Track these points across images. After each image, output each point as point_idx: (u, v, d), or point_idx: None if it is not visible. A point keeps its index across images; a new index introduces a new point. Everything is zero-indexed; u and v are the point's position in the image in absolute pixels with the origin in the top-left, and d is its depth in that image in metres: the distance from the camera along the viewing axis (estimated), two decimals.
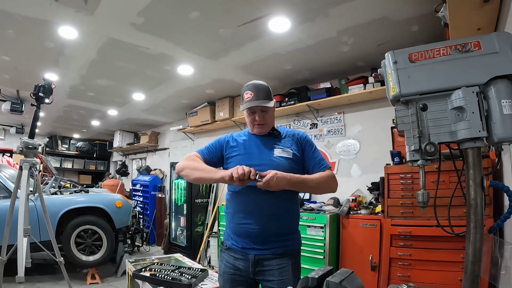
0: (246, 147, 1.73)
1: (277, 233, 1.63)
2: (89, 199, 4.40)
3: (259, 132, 1.74)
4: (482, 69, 0.94)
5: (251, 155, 1.68)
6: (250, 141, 1.76)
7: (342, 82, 3.85)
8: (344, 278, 0.97)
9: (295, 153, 1.70)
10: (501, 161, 2.02)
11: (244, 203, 1.65)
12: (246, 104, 1.68)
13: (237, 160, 1.67)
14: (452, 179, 2.37)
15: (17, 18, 2.79)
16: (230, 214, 1.71)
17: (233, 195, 1.71)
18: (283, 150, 1.69)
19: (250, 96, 1.67)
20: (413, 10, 2.57)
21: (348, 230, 3.19)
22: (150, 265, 2.47)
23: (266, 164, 1.60)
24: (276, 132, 1.76)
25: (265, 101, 1.67)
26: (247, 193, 1.63)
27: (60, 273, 3.27)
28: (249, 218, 1.61)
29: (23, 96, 5.30)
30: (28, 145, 2.73)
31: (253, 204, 1.61)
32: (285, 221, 1.66)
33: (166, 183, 7.15)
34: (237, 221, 1.65)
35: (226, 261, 1.69)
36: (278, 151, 1.68)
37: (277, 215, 1.62)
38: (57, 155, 9.90)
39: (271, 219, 1.60)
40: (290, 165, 1.66)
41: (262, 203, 1.60)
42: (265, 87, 1.73)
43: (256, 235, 1.60)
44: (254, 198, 1.61)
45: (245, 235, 1.62)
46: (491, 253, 1.43)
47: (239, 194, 1.67)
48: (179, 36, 3.13)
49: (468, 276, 0.93)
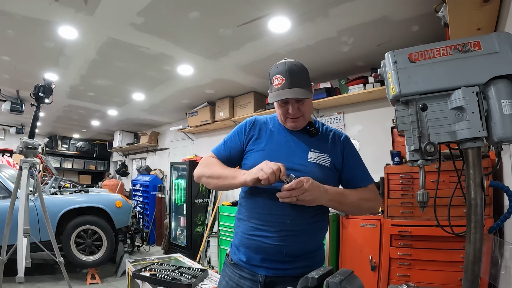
0: (272, 142, 1.37)
1: (299, 251, 1.28)
2: (89, 199, 4.40)
3: (293, 127, 1.38)
4: (482, 69, 0.94)
5: (278, 153, 1.31)
6: (280, 134, 1.40)
7: (342, 82, 3.86)
8: (344, 278, 0.97)
9: (334, 162, 1.36)
10: (501, 161, 2.02)
11: (260, 208, 1.31)
12: (275, 95, 1.30)
13: (257, 158, 1.32)
14: (452, 179, 2.38)
15: (17, 18, 2.79)
16: (242, 222, 1.37)
17: (247, 197, 1.38)
18: (320, 155, 1.34)
19: (280, 82, 1.29)
20: (413, 10, 2.57)
21: (348, 230, 3.19)
22: (150, 265, 2.47)
23: (296, 170, 1.25)
24: (314, 129, 1.40)
25: (300, 91, 1.28)
26: (266, 197, 1.29)
27: (60, 273, 3.28)
28: (264, 230, 1.27)
29: (23, 96, 5.30)
30: (28, 145, 2.73)
31: (272, 212, 1.27)
32: (311, 238, 1.32)
33: (166, 183, 7.15)
34: (248, 230, 1.31)
35: (229, 278, 1.37)
36: (313, 155, 1.34)
37: (302, 230, 1.28)
38: (57, 155, 9.91)
39: (293, 234, 1.26)
40: (326, 175, 1.32)
41: (285, 213, 1.26)
42: (301, 69, 1.34)
43: (271, 252, 1.26)
44: (274, 204, 1.25)
45: (256, 250, 1.28)
46: (491, 253, 1.43)
47: (255, 196, 1.33)
48: (179, 36, 3.13)
49: (468, 276, 0.93)
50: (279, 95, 1.28)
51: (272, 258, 1.26)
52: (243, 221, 1.35)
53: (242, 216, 1.37)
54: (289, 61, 1.34)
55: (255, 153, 1.36)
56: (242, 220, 1.36)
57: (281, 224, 1.25)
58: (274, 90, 1.31)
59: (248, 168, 1.29)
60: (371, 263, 2.93)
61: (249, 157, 1.37)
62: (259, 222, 1.28)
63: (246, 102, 4.89)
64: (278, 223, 1.25)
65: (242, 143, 1.42)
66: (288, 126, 1.39)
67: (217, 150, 1.46)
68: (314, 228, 1.32)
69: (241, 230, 1.35)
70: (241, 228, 1.36)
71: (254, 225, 1.29)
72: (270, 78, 1.35)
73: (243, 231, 1.33)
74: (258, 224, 1.29)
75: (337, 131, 1.46)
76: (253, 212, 1.32)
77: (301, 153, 1.33)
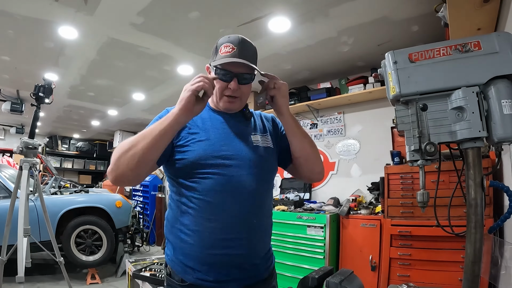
0: (208, 130, 1.15)
1: (265, 250, 1.20)
2: (89, 199, 4.40)
3: (228, 108, 1.19)
4: (482, 69, 0.94)
5: (220, 141, 1.13)
6: (214, 121, 1.19)
7: (342, 82, 3.86)
8: (344, 278, 0.97)
9: (274, 141, 1.27)
10: (501, 161, 2.02)
11: (219, 214, 1.08)
12: (223, 59, 1.10)
13: (199, 149, 1.10)
14: (452, 179, 2.37)
15: (17, 18, 2.79)
16: (195, 234, 1.08)
17: (193, 201, 1.09)
18: (262, 136, 1.24)
19: (230, 51, 1.12)
20: (413, 10, 2.57)
21: (348, 230, 3.19)
22: (150, 265, 2.47)
23: (243, 156, 1.13)
24: (248, 112, 1.26)
25: (251, 64, 1.12)
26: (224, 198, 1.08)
27: (60, 273, 3.27)
28: (230, 239, 1.08)
29: (23, 96, 5.30)
30: (28, 145, 2.74)
31: (236, 213, 1.09)
32: (270, 233, 1.25)
33: (166, 183, 7.15)
34: (210, 246, 1.07)
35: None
36: (256, 137, 1.21)
37: (265, 226, 1.19)
38: (57, 155, 9.89)
39: (260, 233, 1.16)
40: (272, 157, 1.23)
41: (250, 212, 1.11)
42: (254, 48, 1.20)
43: (242, 261, 1.11)
44: (236, 204, 1.09)
45: (224, 264, 1.09)
46: (491, 253, 1.43)
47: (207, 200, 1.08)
48: (179, 36, 3.13)
49: (468, 276, 0.93)
50: (227, 59, 1.10)
51: (244, 266, 1.11)
52: (196, 233, 1.08)
53: (195, 227, 1.09)
54: (242, 36, 1.18)
55: (195, 144, 1.11)
56: (195, 232, 1.08)
57: (249, 226, 1.11)
58: (220, 58, 1.12)
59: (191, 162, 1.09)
60: (371, 263, 2.93)
61: (188, 150, 1.10)
62: (223, 232, 1.08)
63: None
64: (245, 226, 1.10)
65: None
66: (222, 106, 1.19)
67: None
68: (270, 222, 1.24)
69: (196, 245, 1.08)
70: (195, 243, 1.08)
71: (217, 236, 1.07)
72: (217, 46, 1.18)
73: (202, 247, 1.08)
74: (222, 234, 1.07)
75: (264, 113, 1.37)
76: (211, 220, 1.07)
77: (244, 136, 1.19)
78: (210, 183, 1.08)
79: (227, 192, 1.08)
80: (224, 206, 1.08)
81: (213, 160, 1.09)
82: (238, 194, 1.09)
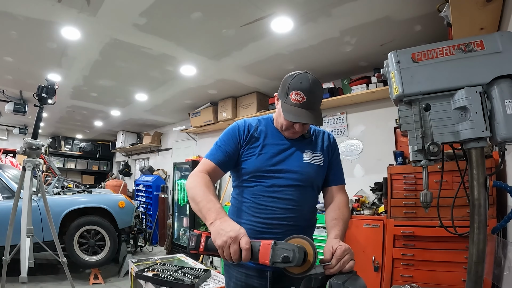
0: (268, 146, 1.35)
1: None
2: (92, 199, 4.41)
3: (290, 137, 1.38)
4: (485, 68, 0.93)
5: (275, 157, 1.33)
6: (275, 138, 1.38)
7: (345, 82, 3.85)
8: (347, 279, 0.97)
9: (325, 160, 1.40)
10: (504, 161, 2.00)
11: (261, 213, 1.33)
12: (293, 112, 1.24)
13: (256, 162, 1.33)
14: (456, 179, 2.37)
15: (20, 19, 2.81)
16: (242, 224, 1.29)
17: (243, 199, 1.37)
18: (314, 154, 1.38)
19: (300, 100, 1.23)
20: (416, 9, 2.56)
21: (351, 231, 3.18)
22: (153, 265, 2.47)
23: (294, 172, 1.31)
24: (308, 134, 1.43)
25: (318, 116, 1.27)
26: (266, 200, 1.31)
27: (63, 273, 3.29)
28: (269, 232, 1.29)
29: (26, 97, 5.33)
30: (31, 146, 2.75)
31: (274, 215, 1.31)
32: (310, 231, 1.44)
33: (169, 183, 7.16)
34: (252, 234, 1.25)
35: (236, 279, 1.39)
36: (308, 155, 1.36)
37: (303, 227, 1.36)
38: (60, 156, 9.95)
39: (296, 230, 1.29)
40: (318, 174, 1.37)
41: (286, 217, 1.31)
42: (321, 89, 1.32)
43: None
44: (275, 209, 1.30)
45: None
46: (495, 254, 1.43)
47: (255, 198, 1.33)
48: (181, 37, 3.13)
49: (472, 276, 0.93)
50: (298, 115, 1.24)
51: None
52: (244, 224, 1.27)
53: (243, 220, 1.34)
54: (313, 79, 1.27)
55: (253, 157, 1.34)
56: (243, 223, 1.30)
57: (285, 226, 1.29)
58: (291, 105, 1.25)
59: (248, 172, 1.33)
60: (374, 264, 2.92)
61: (247, 161, 1.34)
62: (263, 226, 1.30)
63: (249, 103, 4.89)
64: (282, 225, 1.29)
65: (238, 147, 1.37)
66: (286, 135, 1.37)
67: (213, 155, 1.37)
68: (311, 224, 1.43)
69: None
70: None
71: (258, 228, 1.30)
72: (288, 88, 1.27)
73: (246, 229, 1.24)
74: (262, 228, 1.30)
75: (326, 131, 1.50)
76: (255, 215, 1.32)
77: (299, 154, 1.35)
78: (259, 190, 1.32)
79: (267, 197, 1.31)
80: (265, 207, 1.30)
81: (266, 173, 1.31)
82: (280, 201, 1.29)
